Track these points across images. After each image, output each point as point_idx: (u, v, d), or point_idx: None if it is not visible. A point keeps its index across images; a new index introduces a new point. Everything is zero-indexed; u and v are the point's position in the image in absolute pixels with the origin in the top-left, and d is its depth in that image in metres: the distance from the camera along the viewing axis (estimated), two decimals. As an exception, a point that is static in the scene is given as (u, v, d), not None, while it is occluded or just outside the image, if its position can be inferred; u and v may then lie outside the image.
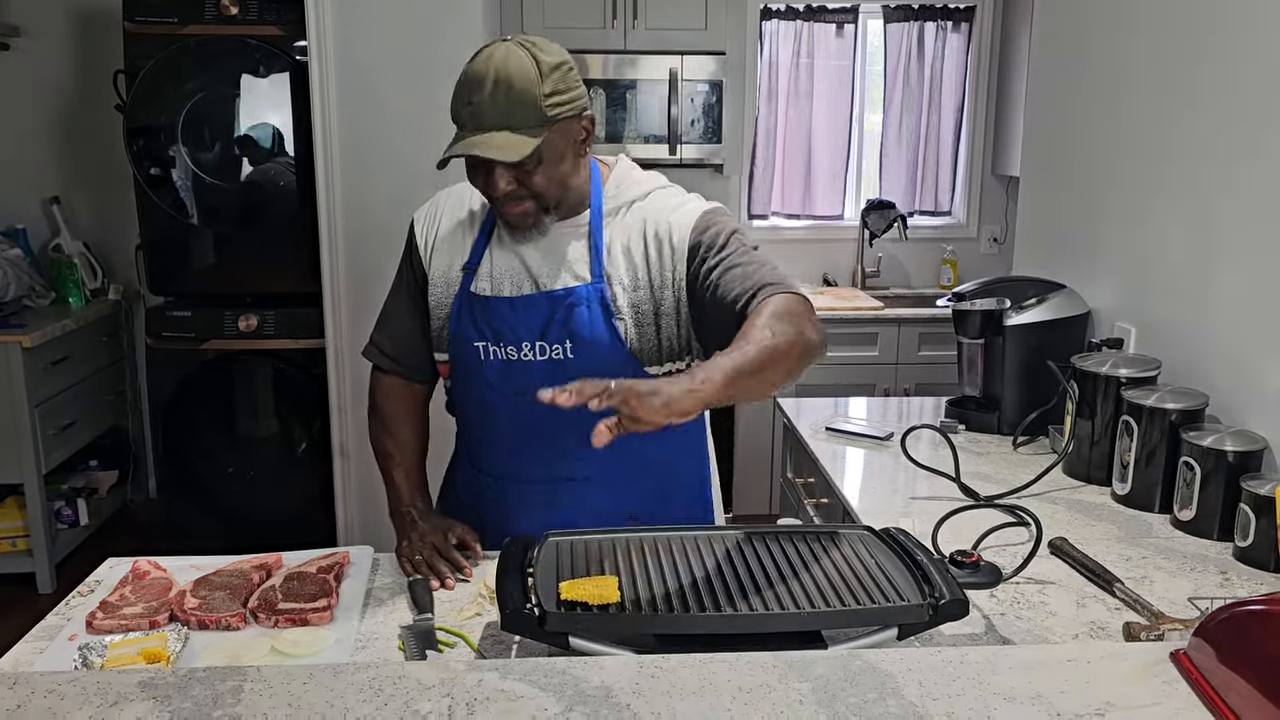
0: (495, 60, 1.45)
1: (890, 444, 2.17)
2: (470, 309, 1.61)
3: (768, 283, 1.46)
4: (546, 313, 1.57)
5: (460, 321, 1.62)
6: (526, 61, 1.46)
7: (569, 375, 1.51)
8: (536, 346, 1.58)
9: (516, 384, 1.58)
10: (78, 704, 1.01)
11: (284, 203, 3.27)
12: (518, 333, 1.58)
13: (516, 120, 1.46)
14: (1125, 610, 1.43)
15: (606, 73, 3.92)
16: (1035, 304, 2.21)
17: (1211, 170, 1.91)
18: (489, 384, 1.61)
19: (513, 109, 1.45)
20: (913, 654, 1.12)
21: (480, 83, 1.45)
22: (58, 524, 3.71)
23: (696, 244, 1.56)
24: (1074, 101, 2.43)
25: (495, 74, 1.45)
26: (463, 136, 1.47)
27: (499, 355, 1.59)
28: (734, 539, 1.42)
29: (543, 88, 1.46)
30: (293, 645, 1.32)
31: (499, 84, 1.45)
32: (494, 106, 1.45)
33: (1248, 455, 1.67)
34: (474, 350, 1.61)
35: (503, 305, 1.59)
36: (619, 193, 1.62)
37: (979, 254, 4.58)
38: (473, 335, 1.60)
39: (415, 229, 1.70)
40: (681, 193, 1.66)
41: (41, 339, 3.45)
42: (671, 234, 1.58)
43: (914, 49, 4.42)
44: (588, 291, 1.57)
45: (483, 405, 1.64)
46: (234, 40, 3.22)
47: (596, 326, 1.56)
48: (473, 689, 1.04)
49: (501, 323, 1.59)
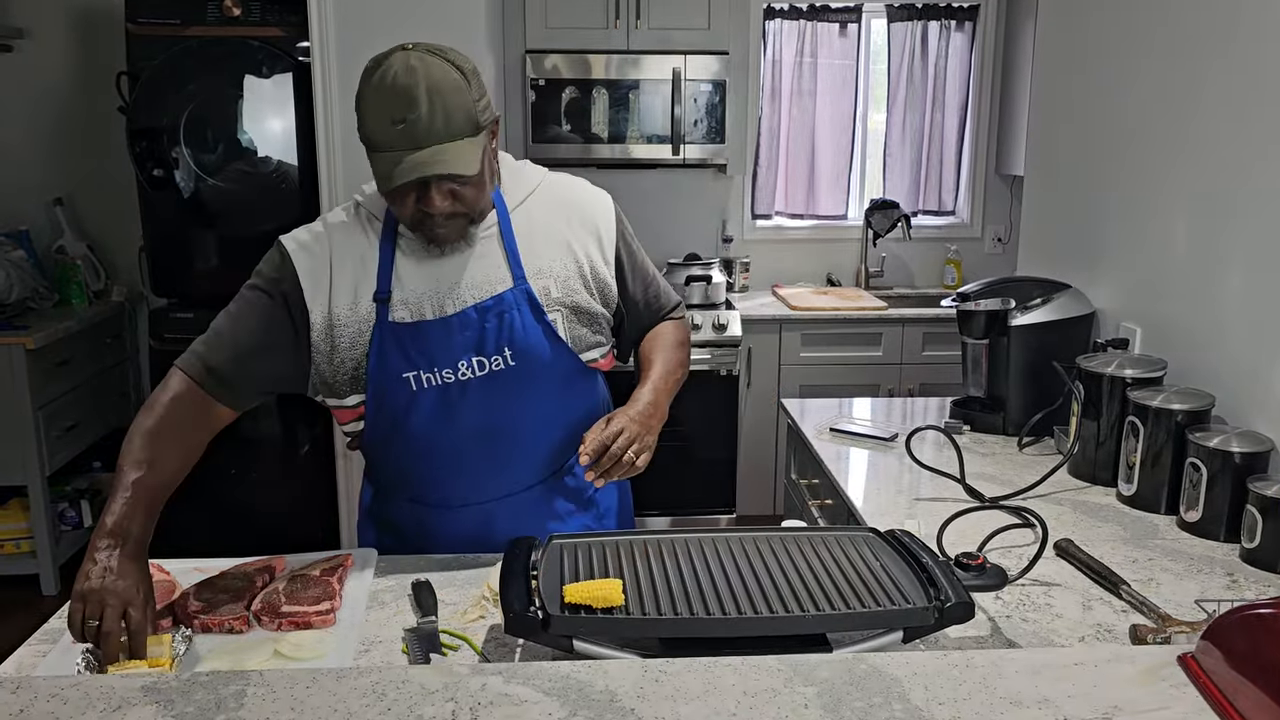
0: (420, 72, 1.38)
1: (895, 445, 2.16)
2: (395, 339, 1.52)
3: (675, 303, 1.78)
4: (479, 326, 1.53)
5: (385, 356, 1.52)
6: (450, 70, 1.41)
7: (507, 384, 1.56)
8: (474, 363, 1.53)
9: (455, 406, 1.55)
10: (80, 709, 1.00)
11: (287, 204, 3.27)
12: (452, 353, 1.53)
13: (455, 132, 1.40)
14: (1132, 613, 1.42)
15: (609, 73, 3.92)
16: (1040, 304, 2.20)
17: (1218, 170, 1.90)
18: (420, 416, 1.55)
19: (450, 121, 1.40)
20: (918, 657, 1.11)
21: (411, 98, 1.37)
22: (61, 526, 3.71)
23: (618, 239, 1.65)
24: (1078, 100, 2.43)
25: (427, 87, 1.38)
26: (400, 158, 1.39)
27: (433, 381, 1.53)
28: (738, 541, 1.41)
29: (471, 95, 1.43)
30: (296, 648, 1.32)
31: (434, 97, 1.38)
32: (432, 121, 1.38)
33: (1254, 456, 1.66)
34: (404, 383, 1.53)
35: (432, 328, 1.52)
36: (516, 187, 1.61)
37: (983, 254, 4.57)
38: (402, 367, 1.52)
39: (297, 268, 1.53)
40: (569, 176, 1.70)
41: (45, 340, 3.45)
42: (594, 218, 1.64)
43: (917, 48, 4.42)
44: (514, 296, 1.54)
45: (416, 437, 1.57)
46: (236, 41, 3.23)
47: (530, 328, 1.55)
48: (476, 693, 1.03)
49: (435, 347, 1.52)
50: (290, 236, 1.58)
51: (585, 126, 3.95)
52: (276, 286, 1.54)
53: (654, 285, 1.73)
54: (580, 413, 1.65)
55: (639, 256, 1.71)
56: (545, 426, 1.60)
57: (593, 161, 4.01)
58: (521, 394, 1.56)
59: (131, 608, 1.25)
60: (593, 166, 4.06)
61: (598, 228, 1.63)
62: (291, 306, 1.54)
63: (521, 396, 1.56)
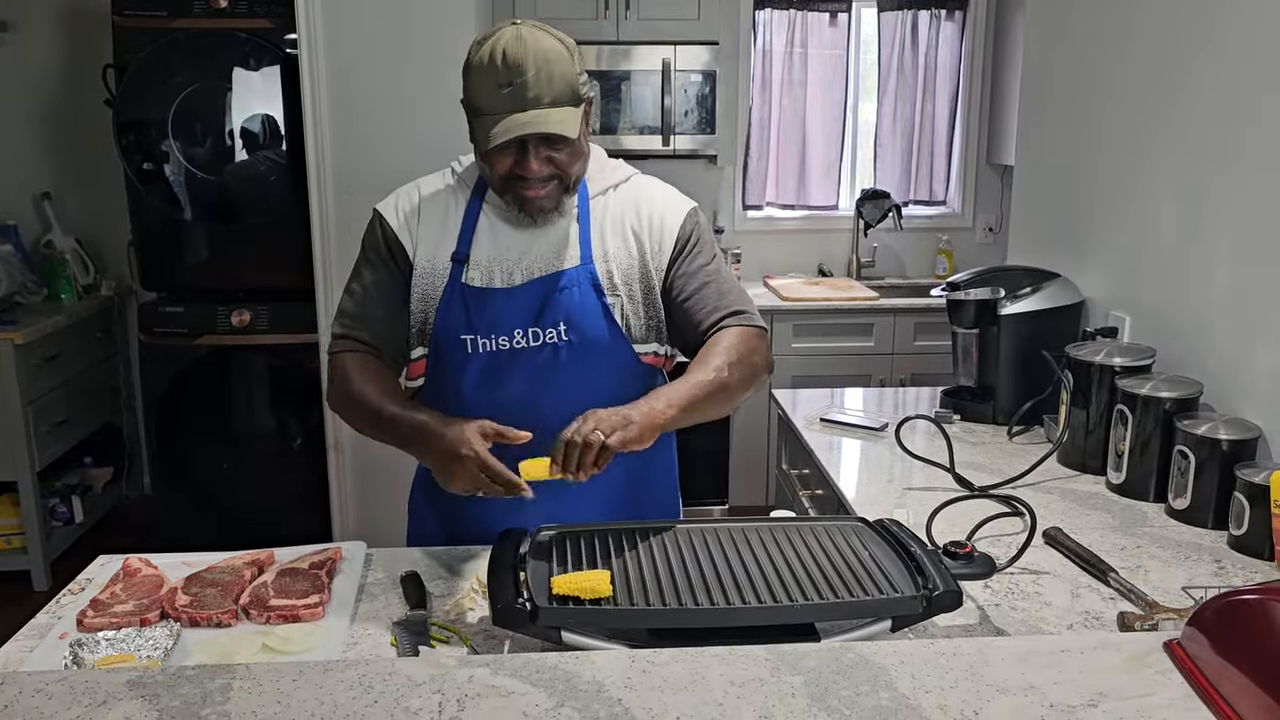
0: (529, 42, 1.46)
1: (885, 435, 2.16)
2: (462, 301, 1.58)
3: (734, 310, 1.60)
4: (540, 298, 1.57)
5: (449, 314, 1.58)
6: (557, 43, 1.49)
7: (558, 359, 1.57)
8: (530, 333, 1.57)
9: (500, 374, 1.58)
10: (65, 704, 1.00)
11: (276, 197, 3.26)
12: (511, 322, 1.57)
13: (560, 99, 1.47)
14: (1120, 600, 1.43)
15: (600, 64, 3.91)
16: (1030, 293, 2.21)
17: (1205, 160, 1.90)
18: (471, 377, 1.59)
19: (555, 87, 1.46)
20: (905, 646, 1.11)
21: (520, 64, 1.44)
22: (52, 521, 3.70)
23: (684, 239, 1.63)
24: (1068, 90, 2.42)
25: (535, 54, 1.45)
26: (502, 118, 1.45)
27: (487, 347, 1.58)
28: (726, 532, 1.41)
29: (575, 67, 1.49)
30: (284, 642, 1.32)
31: (540, 64, 1.45)
32: (538, 85, 1.45)
33: (1242, 443, 1.67)
34: (460, 344, 1.58)
35: (498, 296, 1.57)
36: (602, 177, 1.65)
37: (974, 243, 4.57)
38: (462, 328, 1.58)
39: (389, 222, 1.63)
40: (658, 181, 1.71)
41: (33, 335, 3.43)
42: (665, 219, 1.63)
43: (908, 38, 4.41)
44: (578, 274, 1.58)
45: (463, 400, 1.60)
46: (224, 33, 3.21)
47: (589, 308, 1.58)
48: (464, 685, 1.03)
49: (495, 314, 1.57)
50: (383, 203, 1.66)
51: (575, 118, 3.93)
52: (382, 245, 1.63)
53: (714, 286, 1.62)
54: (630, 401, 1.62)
55: (706, 259, 1.63)
56: (587, 406, 1.56)
57: (583, 153, 3.99)
58: (571, 370, 1.58)
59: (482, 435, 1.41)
60: (583, 158, 4.05)
61: (664, 222, 1.63)
62: (397, 258, 1.62)
63: (570, 372, 1.58)
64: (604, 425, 1.38)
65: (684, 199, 1.68)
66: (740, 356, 1.54)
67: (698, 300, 1.61)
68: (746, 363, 1.54)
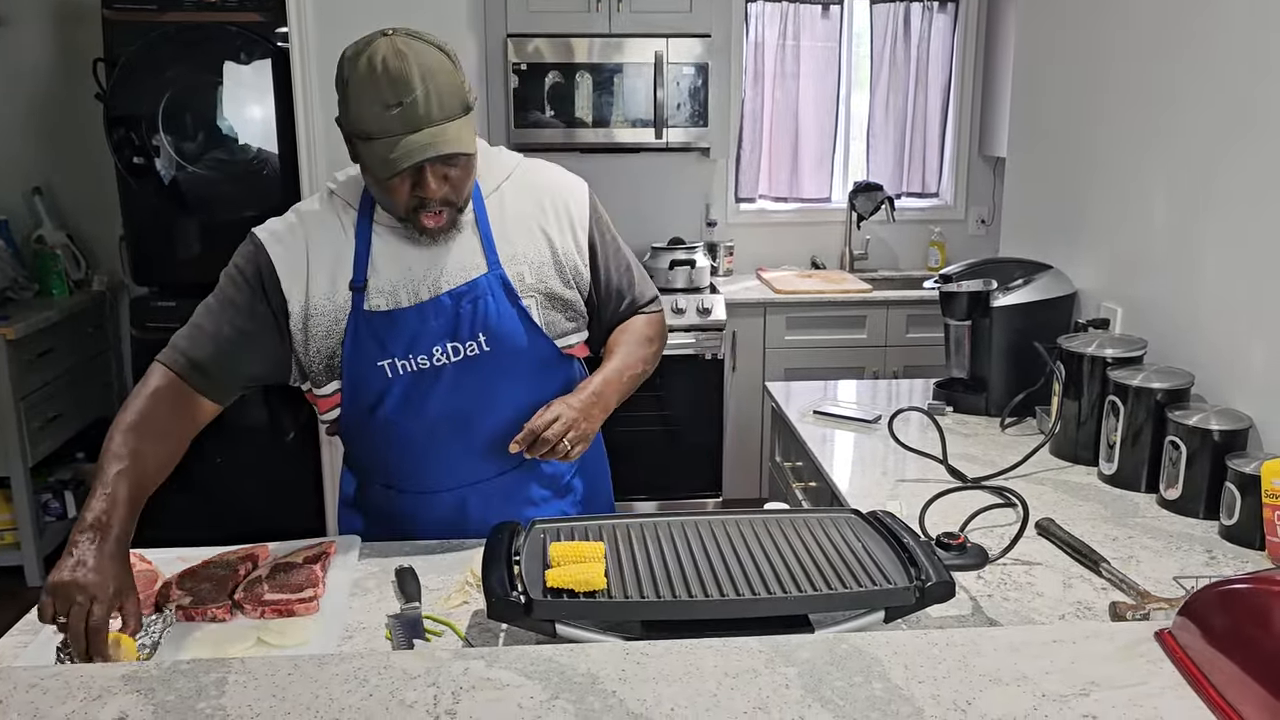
0: (410, 55, 1.38)
1: (878, 427, 2.17)
2: (371, 328, 1.52)
3: (651, 297, 1.75)
4: (453, 312, 1.53)
5: (359, 345, 1.52)
6: (438, 52, 1.42)
7: (481, 370, 1.56)
8: (449, 348, 1.53)
9: (426, 393, 1.55)
10: (60, 698, 1.00)
11: (267, 191, 3.25)
12: (428, 340, 1.53)
13: (450, 113, 1.41)
14: (1112, 590, 1.44)
15: (591, 56, 3.90)
16: (1022, 285, 2.21)
17: (1197, 151, 1.90)
18: (393, 401, 1.55)
19: (444, 102, 1.40)
20: (898, 637, 1.12)
21: (407, 81, 1.37)
22: (45, 516, 3.69)
23: (593, 225, 1.64)
24: (1059, 82, 2.43)
25: (420, 69, 1.38)
26: (397, 142, 1.38)
27: (408, 368, 1.53)
28: (720, 524, 1.41)
29: (459, 76, 1.44)
30: (279, 636, 1.32)
31: (428, 79, 1.38)
32: (428, 103, 1.38)
33: (1233, 434, 1.68)
34: (378, 370, 1.53)
35: (408, 315, 1.52)
36: (491, 172, 1.60)
37: (967, 235, 4.58)
38: (376, 355, 1.52)
39: (271, 253, 1.52)
40: (544, 162, 1.69)
41: (25, 331, 3.42)
42: (569, 207, 1.63)
43: (900, 30, 4.41)
44: (488, 281, 1.54)
45: (388, 425, 1.57)
46: (214, 27, 3.20)
47: (505, 314, 1.55)
48: (458, 678, 1.03)
49: (410, 334, 1.52)
50: (263, 228, 1.57)
51: (568, 111, 3.93)
52: (254, 278, 1.54)
53: (628, 275, 1.71)
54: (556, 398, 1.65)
55: (614, 245, 1.69)
56: (519, 412, 1.58)
57: (576, 146, 3.99)
58: (495, 379, 1.56)
59: (96, 604, 1.19)
60: (576, 151, 4.05)
61: (570, 213, 1.62)
62: (270, 296, 1.53)
63: (495, 382, 1.57)
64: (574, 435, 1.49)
65: (576, 181, 1.67)
66: (658, 345, 1.72)
67: (620, 288, 1.69)
68: (659, 350, 1.73)
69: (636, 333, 1.69)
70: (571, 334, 1.63)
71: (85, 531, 1.26)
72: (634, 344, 1.67)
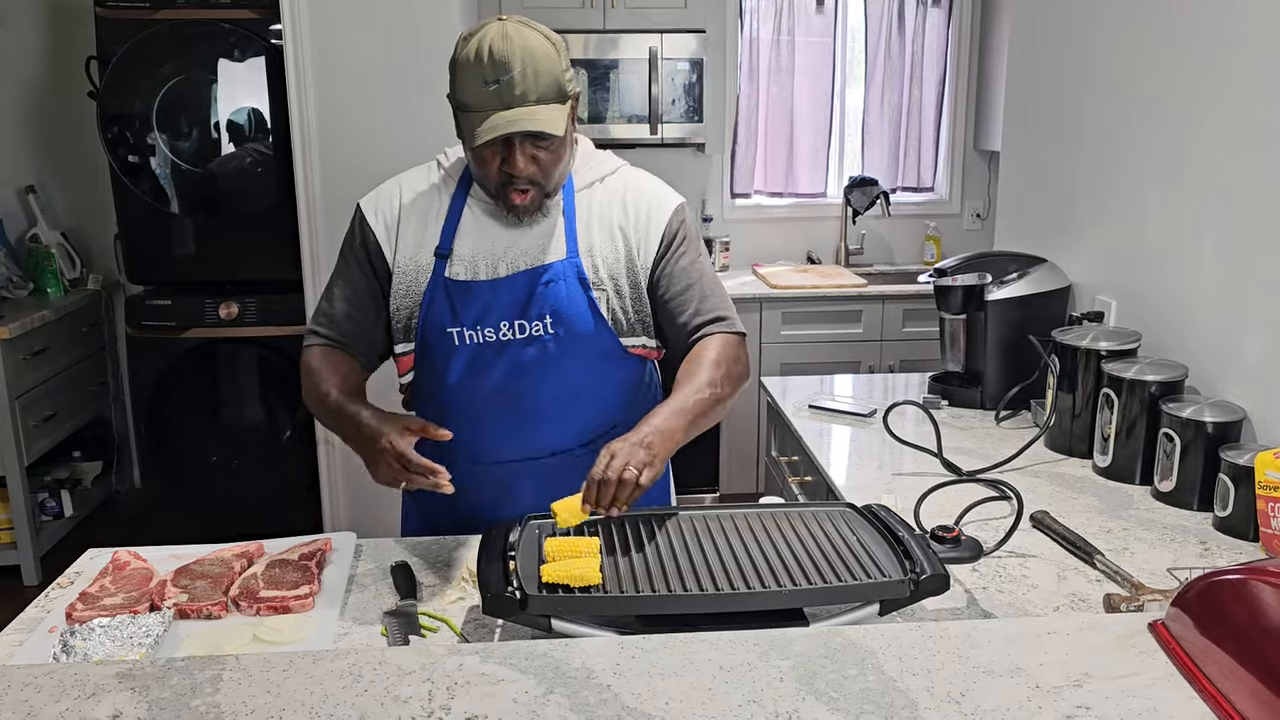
0: (515, 39, 1.45)
1: (873, 421, 2.17)
2: (447, 295, 1.58)
3: (718, 316, 1.62)
4: (526, 291, 1.57)
5: (434, 309, 1.59)
6: (543, 40, 1.48)
7: (542, 350, 1.58)
8: (516, 325, 1.58)
9: (488, 365, 1.59)
10: (55, 696, 1.00)
11: (263, 189, 3.25)
12: (497, 314, 1.57)
13: (546, 96, 1.47)
14: (1106, 582, 1.44)
15: (587, 52, 3.89)
16: (1016, 279, 2.21)
17: (1191, 145, 1.91)
18: (456, 369, 1.60)
19: (541, 85, 1.46)
20: (893, 629, 1.12)
21: (506, 61, 1.44)
22: (42, 516, 3.69)
23: (669, 236, 1.63)
24: (1054, 76, 2.43)
25: (521, 52, 1.44)
26: (489, 115, 1.45)
27: (474, 339, 1.58)
28: (715, 518, 1.42)
29: (561, 64, 1.49)
30: (275, 633, 1.32)
31: (527, 61, 1.44)
32: (524, 83, 1.44)
33: (1227, 426, 1.68)
34: (447, 337, 1.59)
35: (483, 289, 1.58)
36: (588, 169, 1.65)
37: (962, 230, 4.58)
38: (447, 321, 1.58)
39: (368, 220, 1.63)
40: (647, 173, 1.71)
41: (20, 330, 3.41)
42: (651, 215, 1.63)
43: (894, 24, 4.40)
44: (564, 267, 1.58)
45: (450, 392, 1.62)
46: (208, 24, 3.19)
47: (575, 300, 1.58)
48: (453, 673, 1.03)
49: (482, 306, 1.57)
50: (366, 200, 1.66)
51: (563, 107, 3.92)
52: (361, 248, 1.63)
53: (697, 290, 1.62)
54: (617, 393, 1.66)
55: (689, 260, 1.63)
56: (575, 398, 1.61)
57: (571, 142, 3.99)
58: (556, 362, 1.59)
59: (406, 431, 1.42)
60: (571, 147, 4.04)
61: (650, 219, 1.63)
62: (374, 262, 1.63)
63: (555, 365, 1.59)
64: (635, 462, 1.37)
65: (671, 194, 1.68)
66: (729, 369, 1.56)
67: (682, 301, 1.61)
68: (734, 374, 1.58)
69: (702, 357, 1.58)
70: (638, 335, 1.64)
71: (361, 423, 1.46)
72: (700, 369, 1.56)
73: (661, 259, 1.63)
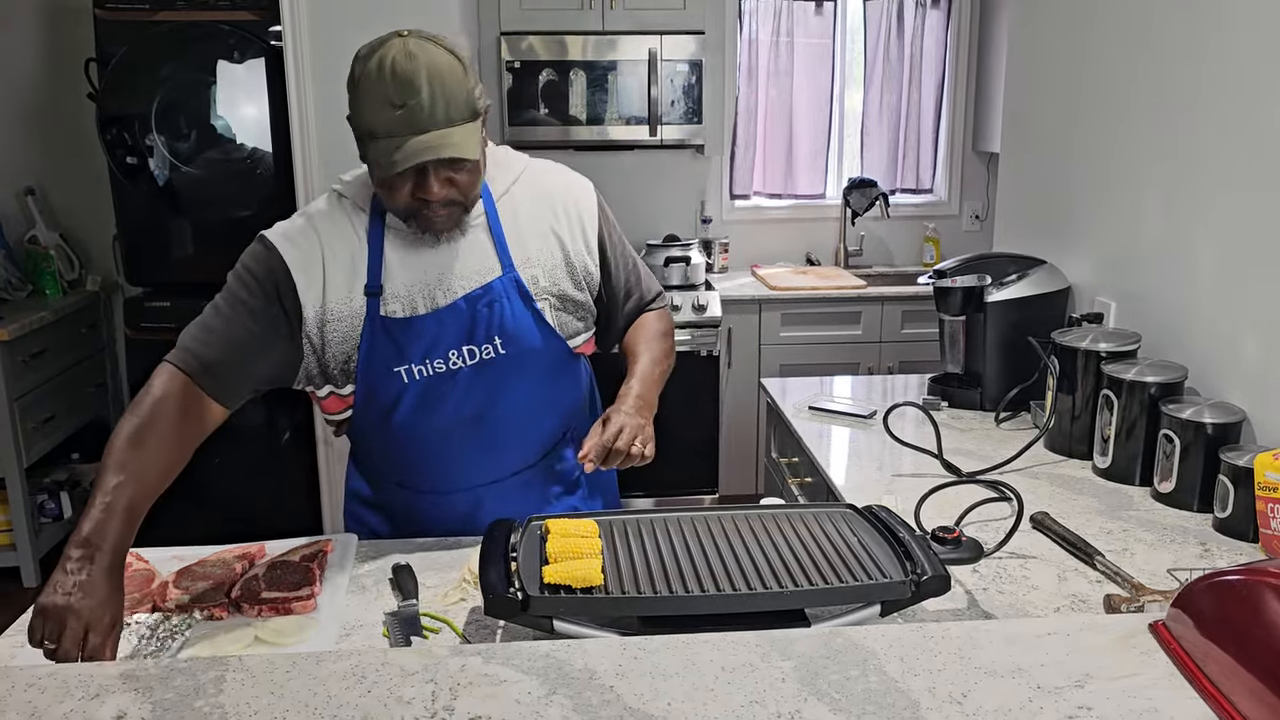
0: (420, 57, 1.38)
1: (873, 422, 2.17)
2: (386, 335, 1.51)
3: (655, 293, 1.76)
4: (469, 316, 1.52)
5: (375, 350, 1.51)
6: (449, 56, 1.41)
7: (497, 372, 1.56)
8: (465, 352, 1.53)
9: (442, 396, 1.55)
10: (58, 697, 1.00)
11: (262, 190, 3.25)
12: (445, 344, 1.53)
13: (455, 117, 1.40)
14: (1106, 583, 1.44)
15: (585, 54, 3.90)
16: (1016, 280, 2.22)
17: (1190, 145, 1.91)
18: (409, 405, 1.55)
19: (450, 106, 1.39)
20: (894, 630, 1.12)
21: (413, 84, 1.36)
22: (41, 517, 3.69)
23: (601, 223, 1.65)
24: (1052, 77, 2.43)
25: (428, 71, 1.37)
26: (400, 143, 1.37)
27: (423, 373, 1.53)
28: (716, 519, 1.42)
29: (469, 81, 1.43)
30: (276, 634, 1.32)
31: (434, 81, 1.37)
32: (433, 105, 1.38)
33: (1226, 427, 1.68)
34: (395, 376, 1.53)
35: (427, 322, 1.51)
36: (501, 174, 1.60)
37: (961, 231, 4.59)
38: (393, 361, 1.52)
39: (287, 261, 1.50)
40: (550, 163, 1.69)
41: (19, 332, 3.41)
42: (579, 206, 1.63)
43: (893, 26, 4.41)
44: (503, 284, 1.54)
45: (399, 427, 1.57)
46: (207, 26, 3.19)
47: (520, 316, 1.55)
48: (456, 674, 1.04)
49: (429, 340, 1.52)
50: (273, 230, 1.55)
51: (562, 108, 3.93)
52: (267, 279, 1.50)
53: (635, 273, 1.72)
54: (568, 397, 1.67)
55: (621, 244, 1.69)
56: (534, 412, 1.61)
57: (570, 144, 4.00)
58: (510, 381, 1.57)
59: (92, 632, 1.16)
60: (570, 149, 4.05)
61: (581, 215, 1.62)
62: (284, 299, 1.50)
63: (510, 384, 1.57)
64: (643, 437, 1.48)
65: (582, 179, 1.67)
66: (672, 341, 1.75)
67: (628, 288, 1.69)
68: (673, 347, 1.75)
69: (652, 329, 1.71)
70: (581, 333, 1.64)
71: (78, 548, 1.22)
72: (653, 340, 1.69)
73: (605, 256, 1.64)
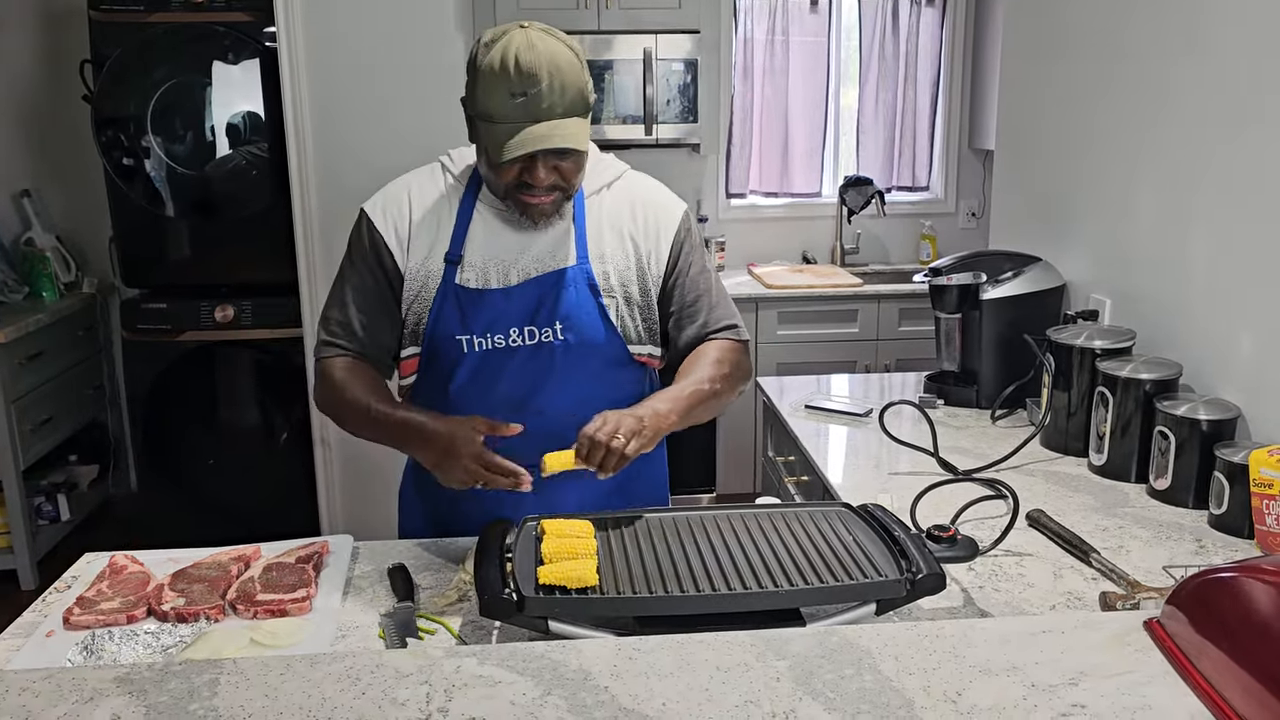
0: (542, 49, 1.44)
1: (869, 420, 2.17)
2: (457, 302, 1.57)
3: (726, 324, 1.68)
4: (536, 298, 1.57)
5: (443, 315, 1.58)
6: (568, 50, 1.48)
7: (552, 358, 1.58)
8: (525, 332, 1.58)
9: (493, 372, 1.58)
10: (52, 701, 1.00)
11: (257, 191, 3.24)
12: (508, 321, 1.57)
13: (572, 109, 1.47)
14: (1102, 580, 1.44)
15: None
16: (1011, 278, 2.22)
17: (1185, 143, 1.91)
18: (462, 376, 1.59)
19: (568, 97, 1.46)
20: (889, 629, 1.13)
21: (534, 74, 1.42)
22: (38, 520, 3.68)
23: (679, 246, 1.65)
24: (1047, 74, 2.43)
25: (549, 63, 1.44)
26: (516, 130, 1.44)
27: (482, 345, 1.58)
28: (712, 519, 1.42)
29: (584, 75, 1.49)
30: (272, 636, 1.32)
31: (554, 73, 1.44)
32: (551, 96, 1.44)
33: (1221, 424, 1.68)
34: (456, 344, 1.58)
35: (495, 296, 1.57)
36: (596, 174, 1.64)
37: (957, 229, 4.59)
38: (456, 329, 1.57)
39: (375, 223, 1.61)
40: (649, 178, 1.72)
41: (15, 334, 3.41)
42: (660, 222, 1.65)
43: (888, 24, 4.41)
44: (574, 273, 1.58)
45: (453, 398, 1.60)
46: (202, 27, 3.19)
47: (585, 307, 1.58)
48: (451, 676, 1.04)
49: (493, 314, 1.57)
50: (371, 202, 1.64)
51: (558, 108, 3.92)
52: (372, 254, 1.61)
53: (708, 299, 1.67)
54: (621, 400, 1.63)
55: (698, 267, 1.67)
56: (582, 406, 1.57)
57: (566, 143, 3.98)
58: (565, 369, 1.59)
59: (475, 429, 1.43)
60: (566, 148, 4.04)
61: (659, 227, 1.65)
62: (386, 267, 1.60)
63: (564, 372, 1.59)
64: (624, 430, 1.42)
65: (676, 200, 1.70)
66: (730, 370, 1.62)
67: (692, 312, 1.66)
68: (734, 375, 1.63)
69: (707, 356, 1.64)
70: (645, 343, 1.65)
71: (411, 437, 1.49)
72: (702, 366, 1.62)
73: (672, 270, 1.65)
